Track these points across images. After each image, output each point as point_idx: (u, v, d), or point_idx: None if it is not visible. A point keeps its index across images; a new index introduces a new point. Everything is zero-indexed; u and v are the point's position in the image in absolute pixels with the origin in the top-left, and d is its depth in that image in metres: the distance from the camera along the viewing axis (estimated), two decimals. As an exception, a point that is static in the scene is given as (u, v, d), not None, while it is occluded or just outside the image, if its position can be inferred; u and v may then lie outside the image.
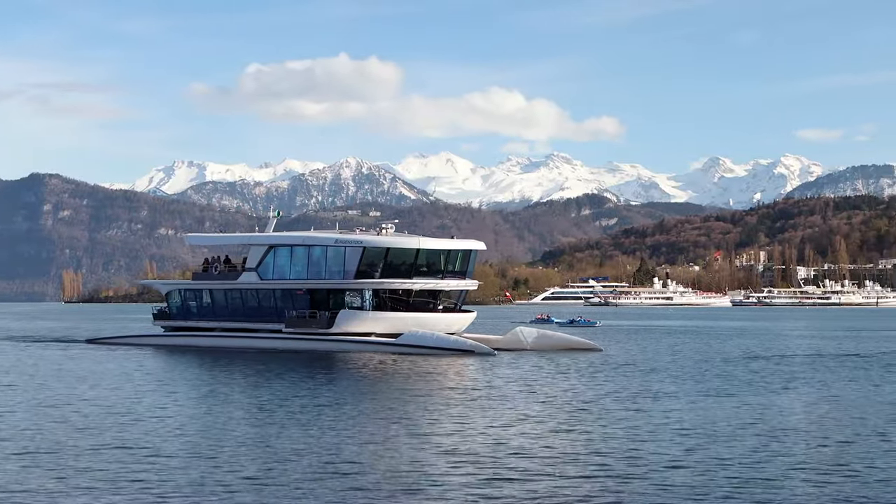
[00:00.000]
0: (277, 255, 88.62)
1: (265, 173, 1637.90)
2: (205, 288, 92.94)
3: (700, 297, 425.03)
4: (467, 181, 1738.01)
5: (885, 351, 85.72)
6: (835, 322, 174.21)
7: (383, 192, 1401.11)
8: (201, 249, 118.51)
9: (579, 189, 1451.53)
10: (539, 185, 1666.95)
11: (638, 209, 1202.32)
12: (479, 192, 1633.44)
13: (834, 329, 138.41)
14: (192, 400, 47.35)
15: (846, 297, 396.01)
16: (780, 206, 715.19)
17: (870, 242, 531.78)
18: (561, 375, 59.62)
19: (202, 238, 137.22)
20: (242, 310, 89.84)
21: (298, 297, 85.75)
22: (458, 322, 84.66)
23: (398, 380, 57.63)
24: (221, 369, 65.60)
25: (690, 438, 34.95)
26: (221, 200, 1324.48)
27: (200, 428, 37.75)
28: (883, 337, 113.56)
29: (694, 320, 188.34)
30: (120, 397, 48.43)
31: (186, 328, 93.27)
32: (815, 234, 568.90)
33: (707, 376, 59.20)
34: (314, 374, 60.46)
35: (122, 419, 40.13)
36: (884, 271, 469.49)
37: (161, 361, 74.09)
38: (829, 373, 62.07)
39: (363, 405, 44.81)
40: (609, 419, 39.82)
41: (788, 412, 42.47)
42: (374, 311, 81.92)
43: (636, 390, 50.75)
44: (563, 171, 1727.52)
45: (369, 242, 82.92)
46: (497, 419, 39.69)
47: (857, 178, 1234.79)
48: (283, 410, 42.58)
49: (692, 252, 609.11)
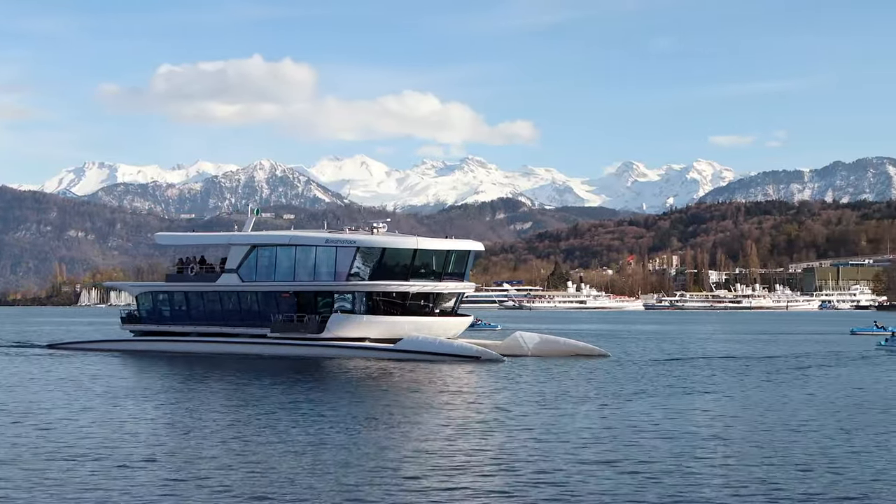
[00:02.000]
0: (261, 256, 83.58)
1: (178, 175, 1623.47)
2: (180, 290, 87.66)
3: (613, 300, 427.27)
4: (382, 184, 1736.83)
5: (796, 354, 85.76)
6: (746, 325, 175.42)
7: (297, 194, 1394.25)
8: (111, 253, 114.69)
9: (494, 193, 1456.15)
10: (454, 188, 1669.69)
11: (552, 213, 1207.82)
12: (393, 196, 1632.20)
13: (745, 333, 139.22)
14: (171, 411, 44.46)
15: (757, 300, 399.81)
16: (693, 211, 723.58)
17: (780, 247, 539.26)
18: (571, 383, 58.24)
19: (174, 237, 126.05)
20: (221, 313, 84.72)
21: (284, 300, 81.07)
22: (455, 326, 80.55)
23: (407, 392, 52.52)
24: (200, 377, 61.93)
25: (602, 443, 34.16)
26: (133, 202, 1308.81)
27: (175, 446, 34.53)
28: (796, 340, 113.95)
29: (608, 324, 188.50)
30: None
31: (159, 333, 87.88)
32: (726, 238, 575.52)
33: (623, 380, 58.44)
34: (307, 382, 57.20)
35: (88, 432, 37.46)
36: (794, 275, 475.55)
37: (134, 368, 70.55)
38: (743, 376, 61.58)
39: (374, 429, 37.97)
40: (520, 425, 38.73)
41: (705, 415, 41.97)
42: (368, 314, 77.44)
43: (554, 394, 49.88)
44: (477, 174, 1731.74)
45: (363, 242, 78.47)
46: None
47: (768, 184, 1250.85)
48: (277, 425, 39.06)
49: (606, 256, 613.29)
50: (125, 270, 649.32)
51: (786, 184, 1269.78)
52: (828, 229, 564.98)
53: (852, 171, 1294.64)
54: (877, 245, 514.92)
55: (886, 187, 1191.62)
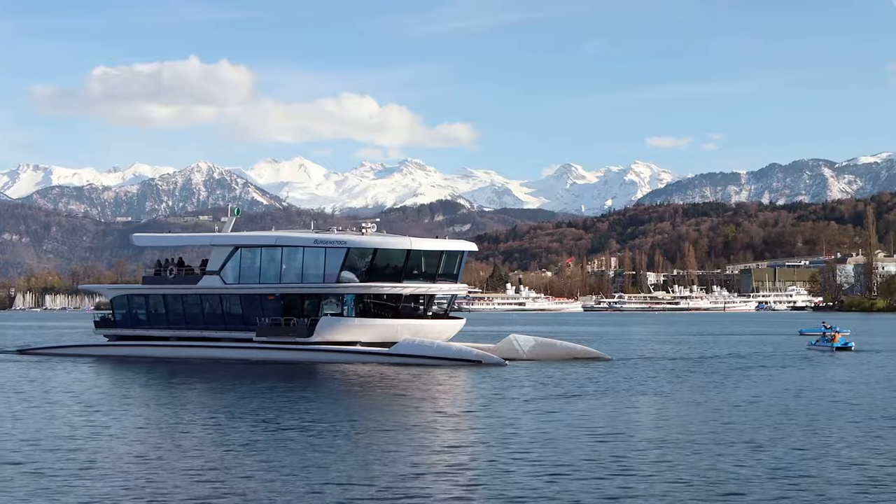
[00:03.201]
0: (245, 257, 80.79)
1: (114, 178, 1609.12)
2: (158, 293, 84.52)
3: (552, 302, 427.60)
4: (321, 187, 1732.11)
5: (733, 354, 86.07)
6: (685, 327, 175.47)
7: (235, 197, 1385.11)
8: (46, 256, 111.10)
9: (433, 195, 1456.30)
10: (393, 191, 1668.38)
11: (491, 215, 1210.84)
12: (332, 198, 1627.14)
13: (684, 334, 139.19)
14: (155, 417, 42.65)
15: (695, 302, 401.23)
16: (631, 213, 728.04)
17: (717, 248, 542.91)
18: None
19: (151, 238, 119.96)
20: (202, 317, 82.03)
21: (269, 303, 78.32)
22: (449, 329, 78.21)
23: (417, 401, 49.18)
24: (181, 383, 59.35)
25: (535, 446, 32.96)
26: (68, 205, 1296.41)
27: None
28: (734, 341, 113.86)
29: (547, 325, 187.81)
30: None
31: (135, 337, 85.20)
32: (664, 240, 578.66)
33: (565, 382, 57.28)
34: (297, 389, 54.43)
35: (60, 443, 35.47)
36: (731, 277, 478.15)
37: (113, 374, 67.90)
38: (682, 376, 61.02)
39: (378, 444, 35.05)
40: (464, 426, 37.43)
41: (642, 416, 41.53)
42: (360, 317, 74.88)
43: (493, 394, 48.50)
44: (416, 177, 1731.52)
45: (354, 243, 75.98)
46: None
47: (705, 186, 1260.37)
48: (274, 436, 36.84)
49: (545, 258, 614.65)
50: (60, 274, 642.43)
51: (723, 186, 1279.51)
52: (764, 231, 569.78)
53: (788, 174, 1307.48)
54: (812, 246, 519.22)
55: (822, 189, 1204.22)
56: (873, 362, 76.55)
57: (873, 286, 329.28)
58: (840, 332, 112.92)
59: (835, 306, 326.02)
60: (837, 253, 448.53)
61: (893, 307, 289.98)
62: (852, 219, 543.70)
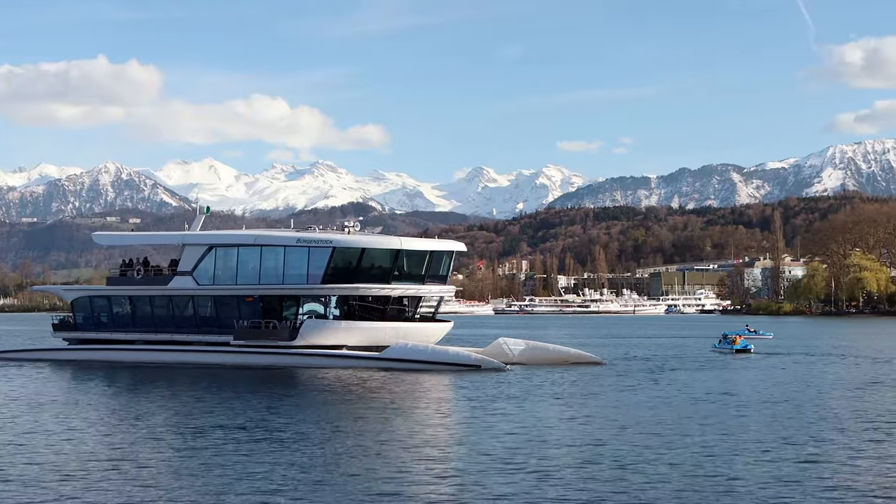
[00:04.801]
0: (220, 257, 77.26)
1: (19, 178, 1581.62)
2: (125, 294, 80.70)
3: (463, 305, 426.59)
4: (231, 188, 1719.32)
5: (640, 357, 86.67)
6: (595, 329, 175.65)
7: (144, 198, 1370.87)
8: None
9: (344, 197, 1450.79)
10: (304, 193, 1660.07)
11: (403, 218, 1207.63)
12: (242, 200, 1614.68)
13: (594, 336, 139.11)
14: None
15: (605, 305, 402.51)
16: (542, 216, 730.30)
17: (627, 252, 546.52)
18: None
19: (114, 237, 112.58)
20: (172, 319, 78.34)
21: (247, 305, 74.72)
22: (437, 332, 75.59)
23: (429, 412, 45.58)
24: (157, 389, 56.37)
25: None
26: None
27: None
28: (644, 344, 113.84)
29: (458, 328, 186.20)
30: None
31: (98, 341, 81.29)
32: (575, 243, 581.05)
33: (481, 386, 55.92)
34: (291, 395, 51.82)
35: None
36: (641, 280, 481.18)
37: (82, 379, 64.53)
38: (595, 378, 60.22)
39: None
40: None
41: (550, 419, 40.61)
42: (346, 320, 71.64)
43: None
44: (327, 179, 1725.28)
45: (340, 242, 72.67)
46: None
47: (615, 190, 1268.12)
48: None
49: (456, 261, 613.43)
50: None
51: (633, 190, 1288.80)
52: (674, 235, 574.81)
53: (698, 178, 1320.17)
54: (721, 250, 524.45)
55: (731, 194, 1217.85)
56: (769, 364, 77.35)
57: (780, 290, 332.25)
58: (764, 335, 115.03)
59: (742, 310, 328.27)
60: (745, 257, 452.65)
61: (800, 310, 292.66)
62: (760, 223, 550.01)
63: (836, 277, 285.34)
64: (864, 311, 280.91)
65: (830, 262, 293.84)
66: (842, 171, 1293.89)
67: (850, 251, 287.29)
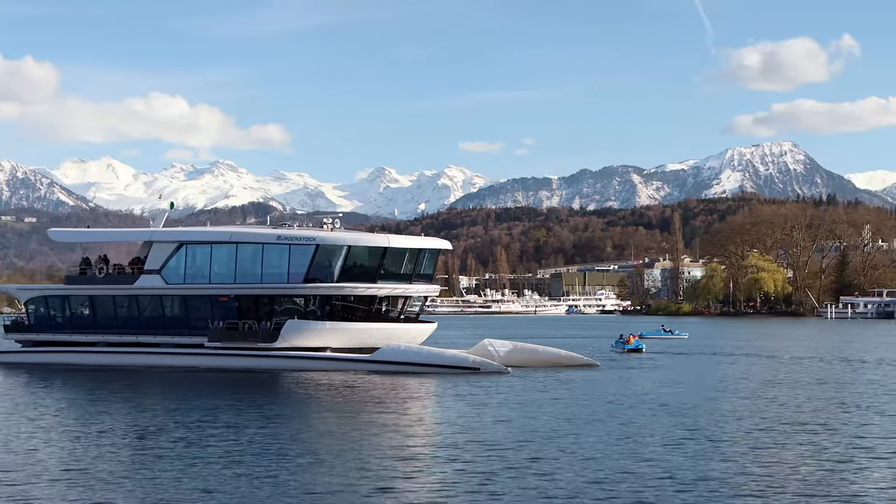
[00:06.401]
0: (192, 255, 73.26)
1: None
2: (84, 294, 76.70)
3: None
4: (129, 187, 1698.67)
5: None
6: (497, 330, 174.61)
7: (40, 197, 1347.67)
8: None
9: (245, 197, 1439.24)
10: (203, 192, 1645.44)
11: (304, 218, 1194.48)
12: (141, 199, 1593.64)
13: (498, 337, 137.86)
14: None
15: (506, 305, 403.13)
16: (444, 217, 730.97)
17: (529, 253, 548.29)
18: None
19: (72, 234, 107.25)
20: (137, 320, 74.38)
21: (221, 305, 71.15)
22: (422, 333, 72.67)
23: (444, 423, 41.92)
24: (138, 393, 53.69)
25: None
26: None
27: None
28: (547, 344, 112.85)
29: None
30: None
31: (55, 343, 76.99)
32: (477, 244, 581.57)
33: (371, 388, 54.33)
34: (280, 402, 49.08)
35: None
36: (542, 280, 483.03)
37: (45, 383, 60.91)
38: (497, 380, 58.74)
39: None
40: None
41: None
42: (330, 320, 68.40)
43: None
44: (228, 178, 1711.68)
45: (324, 240, 69.28)
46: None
47: (517, 191, 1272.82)
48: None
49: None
50: None
51: (534, 191, 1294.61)
52: (575, 236, 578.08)
53: (598, 179, 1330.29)
54: (621, 251, 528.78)
55: (631, 195, 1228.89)
56: (659, 364, 77.47)
57: (679, 290, 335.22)
58: (679, 335, 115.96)
59: (642, 310, 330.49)
60: (645, 258, 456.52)
61: (699, 311, 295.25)
62: (660, 224, 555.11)
63: (734, 278, 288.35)
64: (762, 311, 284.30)
65: (729, 263, 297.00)
66: (740, 173, 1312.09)
67: (748, 252, 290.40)
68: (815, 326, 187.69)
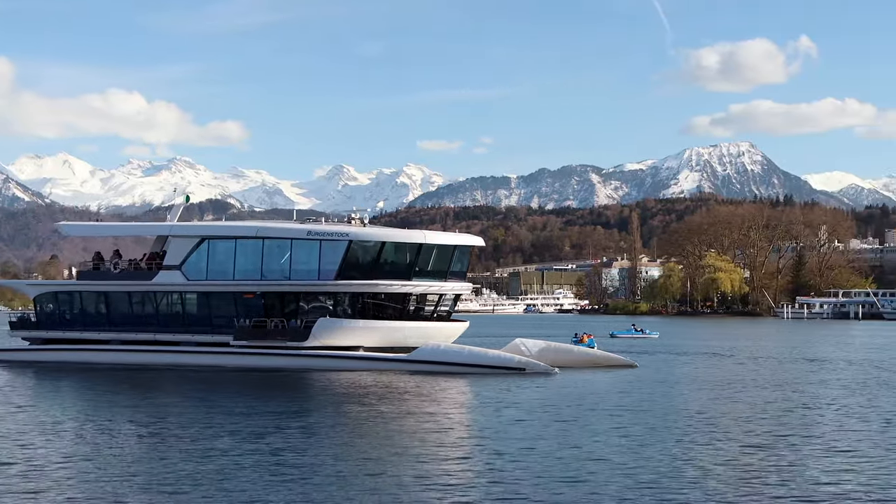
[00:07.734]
0: (214, 250, 70.81)
1: None
2: (100, 290, 74.17)
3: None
4: (86, 183, 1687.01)
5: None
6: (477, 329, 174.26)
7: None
8: None
9: (203, 194, 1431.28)
10: (161, 189, 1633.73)
11: (262, 215, 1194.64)
12: (98, 195, 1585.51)
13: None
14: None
15: (464, 304, 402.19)
16: (403, 215, 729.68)
17: (487, 251, 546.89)
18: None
19: (85, 227, 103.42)
20: (156, 318, 72.02)
21: (246, 303, 68.90)
22: (455, 332, 70.69)
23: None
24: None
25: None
26: None
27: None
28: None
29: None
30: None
31: (66, 340, 74.55)
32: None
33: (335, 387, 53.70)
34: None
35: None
36: (500, 279, 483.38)
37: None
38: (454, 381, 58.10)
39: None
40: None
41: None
42: (363, 318, 66.33)
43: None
44: (185, 175, 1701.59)
45: (357, 235, 67.00)
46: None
47: (476, 189, 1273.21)
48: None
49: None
50: None
51: (493, 189, 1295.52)
52: (533, 235, 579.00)
53: (557, 178, 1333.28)
54: (579, 250, 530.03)
55: (589, 194, 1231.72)
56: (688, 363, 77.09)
57: (637, 289, 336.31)
58: (650, 334, 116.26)
59: (600, 309, 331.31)
60: (603, 257, 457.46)
61: (656, 310, 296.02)
62: (618, 224, 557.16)
63: (692, 278, 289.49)
64: (719, 311, 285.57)
65: (686, 263, 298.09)
66: (698, 174, 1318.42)
67: (706, 252, 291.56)
68: (774, 326, 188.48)
